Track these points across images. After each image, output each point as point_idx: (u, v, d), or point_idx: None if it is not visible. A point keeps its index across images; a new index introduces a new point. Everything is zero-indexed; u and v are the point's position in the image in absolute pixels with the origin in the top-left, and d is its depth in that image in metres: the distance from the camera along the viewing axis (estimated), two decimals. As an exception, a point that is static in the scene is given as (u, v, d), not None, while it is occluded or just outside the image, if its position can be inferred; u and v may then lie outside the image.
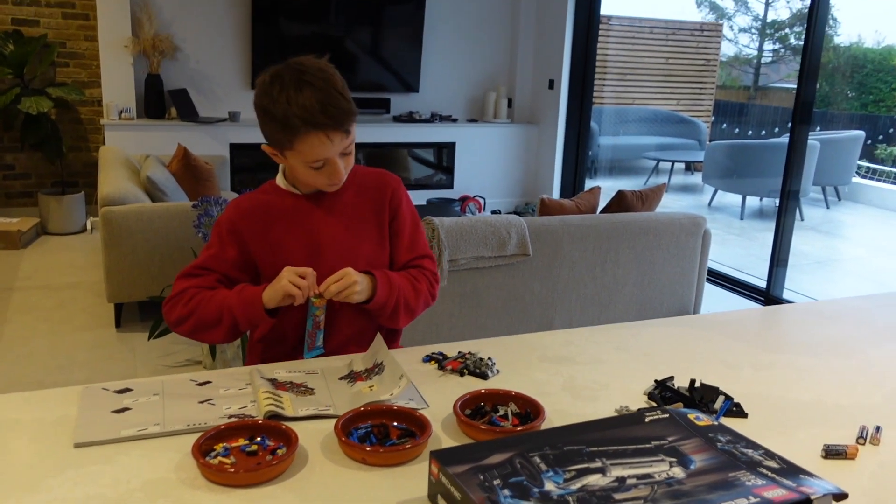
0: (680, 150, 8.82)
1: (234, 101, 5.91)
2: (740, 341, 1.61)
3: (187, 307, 1.44)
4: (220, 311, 1.42)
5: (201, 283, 1.47)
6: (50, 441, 1.09)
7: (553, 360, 1.47)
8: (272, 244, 1.49)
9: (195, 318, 1.43)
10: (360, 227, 1.54)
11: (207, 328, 1.44)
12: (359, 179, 1.56)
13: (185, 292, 1.46)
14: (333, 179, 1.44)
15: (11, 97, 5.15)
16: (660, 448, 1.02)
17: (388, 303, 1.49)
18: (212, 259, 1.49)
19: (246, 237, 1.49)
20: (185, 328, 1.46)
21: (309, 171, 1.43)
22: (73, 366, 3.31)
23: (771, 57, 9.67)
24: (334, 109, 1.35)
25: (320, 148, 1.37)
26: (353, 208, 1.54)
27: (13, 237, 5.05)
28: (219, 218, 1.52)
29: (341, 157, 1.42)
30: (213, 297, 1.44)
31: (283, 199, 1.51)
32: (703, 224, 3.75)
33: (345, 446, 1.07)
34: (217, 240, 1.50)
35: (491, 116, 6.65)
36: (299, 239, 1.49)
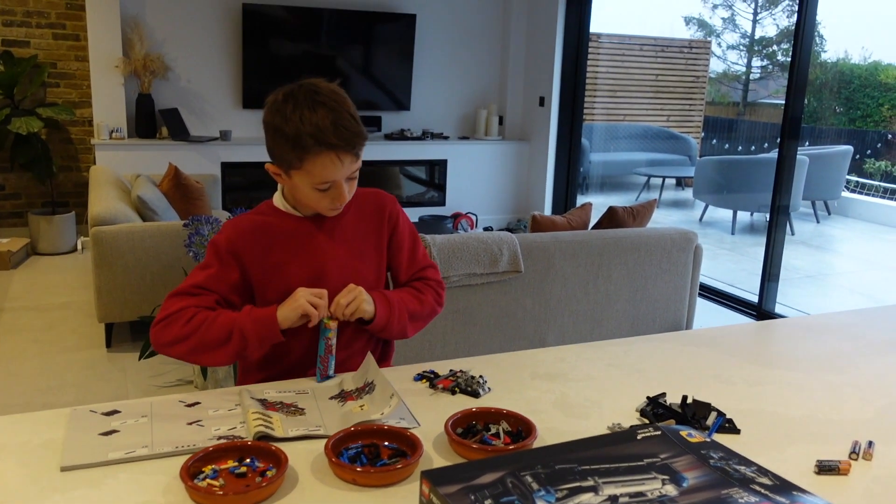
0: (670, 166, 8.87)
1: (226, 121, 5.92)
2: (733, 356, 1.61)
3: (187, 326, 1.37)
4: (230, 331, 1.36)
5: (200, 303, 1.41)
6: (36, 464, 1.08)
7: (545, 378, 1.46)
8: (272, 267, 1.47)
9: (196, 338, 1.36)
10: (360, 249, 1.54)
11: (210, 349, 1.37)
12: (356, 201, 1.55)
13: (182, 311, 1.39)
14: (336, 203, 1.43)
15: (2, 117, 5.14)
16: (652, 466, 1.01)
17: (391, 321, 1.49)
18: (212, 280, 1.43)
19: (245, 259, 1.46)
20: (182, 349, 1.38)
21: (313, 193, 1.41)
22: (63, 387, 3.28)
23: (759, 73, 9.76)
24: (347, 132, 1.36)
25: (330, 169, 1.37)
26: (353, 230, 1.54)
27: (3, 258, 5.02)
28: (215, 238, 1.47)
29: (347, 181, 1.42)
30: (217, 317, 1.38)
31: (283, 220, 1.49)
32: (695, 239, 3.76)
33: (335, 467, 1.06)
34: (216, 260, 1.44)
35: (482, 133, 6.67)
36: (302, 262, 1.47)
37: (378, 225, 1.57)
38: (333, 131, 1.34)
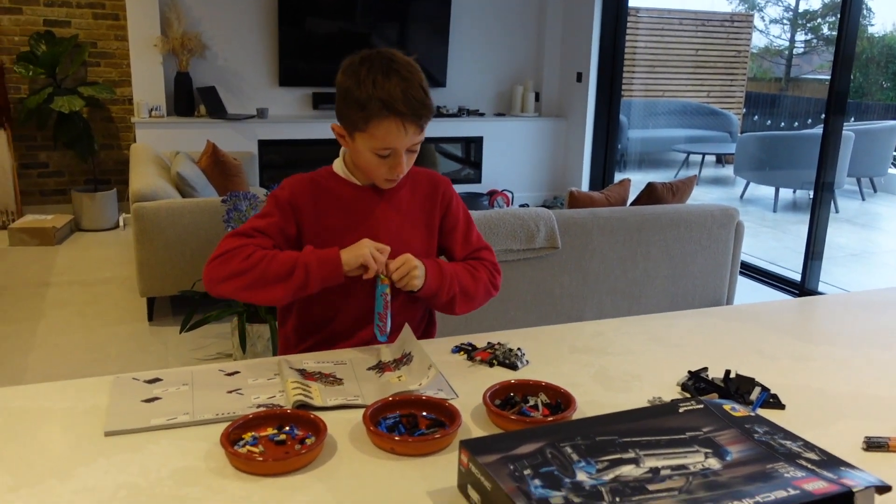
0: (711, 143, 8.70)
1: (263, 98, 5.94)
2: (776, 332, 1.58)
3: (247, 262, 1.38)
4: (293, 265, 1.38)
5: (260, 244, 1.42)
6: (81, 429, 1.10)
7: (584, 351, 1.45)
8: (326, 230, 1.49)
9: (255, 273, 1.37)
10: (412, 224, 1.55)
11: (268, 284, 1.38)
12: (412, 179, 1.57)
13: (241, 248, 1.40)
14: (394, 173, 1.44)
15: (44, 97, 5.22)
16: (695, 439, 1.00)
17: (441, 291, 1.48)
18: (272, 227, 1.46)
19: (303, 216, 1.48)
20: (238, 283, 1.38)
21: (373, 158, 1.43)
22: (106, 359, 3.35)
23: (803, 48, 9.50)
24: (416, 102, 1.37)
25: (394, 135, 1.39)
26: (407, 205, 1.55)
27: (48, 234, 5.13)
28: (275, 192, 1.49)
29: (407, 153, 1.44)
30: (278, 254, 1.40)
31: (341, 186, 1.51)
32: (736, 216, 3.68)
33: (373, 436, 1.06)
34: (276, 210, 1.47)
35: (518, 110, 6.61)
36: (355, 229, 1.48)
37: (431, 205, 1.58)
38: (403, 99, 1.36)
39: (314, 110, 6.07)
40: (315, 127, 5.85)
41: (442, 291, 1.49)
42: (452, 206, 1.61)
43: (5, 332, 3.64)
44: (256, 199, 3.26)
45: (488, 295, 1.59)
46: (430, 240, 1.57)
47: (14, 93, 5.48)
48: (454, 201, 1.61)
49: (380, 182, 1.49)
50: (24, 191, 5.68)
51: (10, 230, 5.09)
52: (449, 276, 1.50)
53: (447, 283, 1.49)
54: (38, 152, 5.69)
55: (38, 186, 5.76)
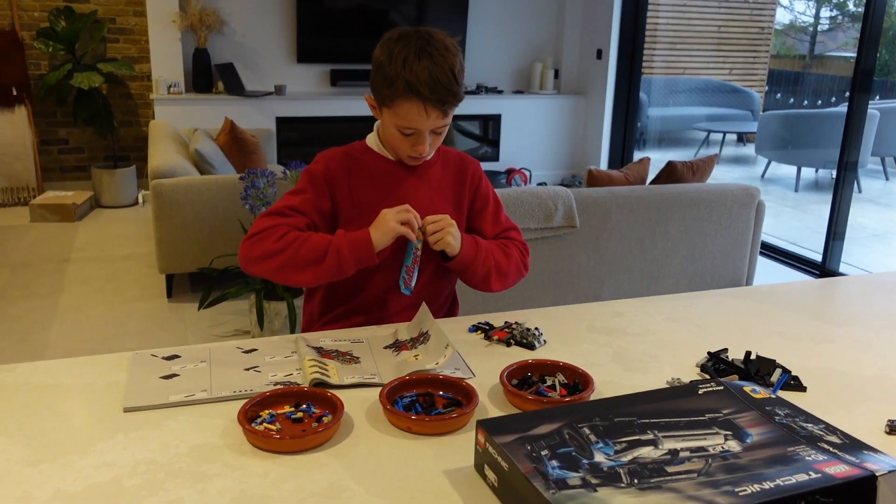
0: (732, 121, 8.59)
1: (280, 75, 5.93)
2: (797, 313, 1.56)
3: (280, 242, 1.38)
4: (325, 250, 1.38)
5: (294, 223, 1.42)
6: (100, 405, 1.10)
7: (602, 331, 1.44)
8: (359, 204, 1.49)
9: (288, 254, 1.37)
10: (442, 200, 1.55)
11: (301, 266, 1.38)
12: (443, 156, 1.58)
13: (275, 228, 1.40)
14: (416, 151, 1.44)
15: (64, 73, 5.24)
16: (714, 421, 0.99)
17: (476, 263, 1.48)
18: (307, 203, 1.45)
19: (337, 190, 1.48)
20: (271, 264, 1.38)
21: (397, 134, 1.44)
22: (125, 335, 3.38)
23: (827, 24, 9.32)
24: (442, 88, 1.37)
25: (415, 117, 1.39)
26: (438, 183, 1.56)
27: (68, 210, 5.17)
28: (310, 167, 1.50)
29: (431, 134, 1.44)
30: (311, 237, 1.40)
31: (374, 160, 1.52)
32: (757, 195, 3.64)
33: (390, 415, 1.06)
34: (310, 186, 1.47)
35: (537, 88, 6.55)
36: (388, 204, 1.47)
37: (461, 184, 1.58)
38: (428, 83, 1.35)
39: (332, 87, 6.05)
40: (333, 104, 5.83)
41: (477, 264, 1.48)
42: (482, 187, 1.61)
43: (27, 307, 3.68)
44: (274, 176, 3.26)
45: (519, 274, 1.59)
46: (459, 217, 1.56)
47: (34, 69, 5.50)
48: (483, 182, 1.62)
49: (404, 158, 1.49)
50: (44, 167, 5.72)
51: (31, 206, 5.13)
52: (484, 250, 1.50)
53: (482, 256, 1.49)
54: (59, 129, 5.72)
55: (58, 163, 5.79)
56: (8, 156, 5.46)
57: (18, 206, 5.50)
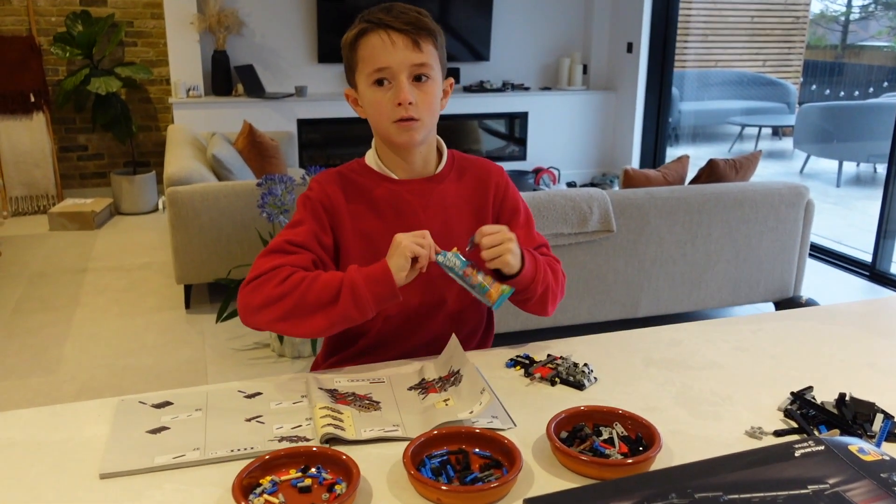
0: (767, 114, 8.30)
1: (301, 76, 5.77)
2: (889, 338, 1.35)
3: (284, 285, 1.17)
4: (337, 289, 1.16)
5: (298, 262, 1.22)
6: (74, 469, 0.93)
7: (660, 365, 1.24)
8: (361, 234, 1.29)
9: (293, 299, 1.16)
10: (456, 222, 1.34)
11: (311, 312, 1.16)
12: (458, 166, 1.37)
13: (277, 270, 1.20)
14: (398, 98, 1.21)
15: (81, 78, 5.13)
16: (820, 496, 0.79)
17: (536, 282, 1.26)
18: (308, 236, 1.25)
19: (337, 219, 1.28)
20: (275, 312, 1.18)
21: (373, 94, 1.23)
22: (141, 350, 3.24)
23: (860, 13, 9.00)
24: (399, 12, 1.21)
25: (380, 49, 1.21)
26: (453, 199, 1.34)
27: (87, 218, 5.06)
28: (306, 193, 1.30)
29: (413, 82, 1.22)
30: (319, 275, 1.19)
31: (375, 183, 1.31)
32: (806, 194, 3.41)
33: (416, 482, 0.88)
34: (309, 215, 1.27)
35: (565, 84, 6.34)
36: (395, 229, 1.26)
37: (482, 197, 1.36)
38: (384, 10, 1.21)
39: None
40: (355, 105, 5.67)
41: (537, 282, 1.26)
42: (510, 196, 1.39)
43: (42, 320, 3.56)
44: (293, 181, 3.10)
45: (560, 296, 1.36)
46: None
47: (52, 75, 5.40)
48: (511, 190, 1.40)
49: (392, 132, 1.25)
50: (63, 174, 5.63)
51: (50, 215, 5.03)
52: (542, 265, 1.28)
53: (541, 272, 1.27)
54: (77, 135, 5.62)
55: (77, 170, 5.70)
56: (27, 163, 5.37)
57: (38, 215, 5.40)
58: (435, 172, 1.34)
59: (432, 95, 1.25)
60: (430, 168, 1.34)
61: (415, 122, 1.24)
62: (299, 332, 1.20)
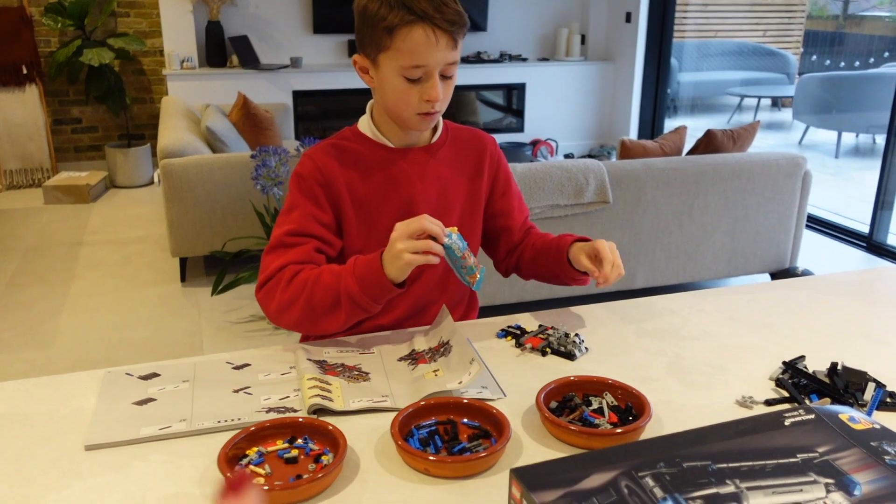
0: (766, 85, 8.23)
1: (296, 47, 5.71)
2: (881, 307, 1.34)
3: (290, 290, 1.17)
4: (336, 296, 1.14)
5: (301, 256, 1.21)
6: (59, 441, 0.93)
7: (653, 335, 1.23)
8: (361, 202, 1.26)
9: (302, 303, 1.16)
10: (452, 190, 1.33)
11: (322, 315, 1.16)
12: (451, 137, 1.34)
13: (282, 271, 1.19)
14: (428, 98, 1.18)
15: (73, 49, 5.07)
16: (809, 464, 0.78)
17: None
18: (307, 220, 1.23)
19: (336, 193, 1.25)
20: (292, 317, 1.18)
21: (401, 84, 1.18)
22: (137, 323, 3.24)
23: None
24: (446, 7, 1.14)
25: (423, 46, 1.14)
26: (447, 169, 1.32)
27: (82, 191, 5.03)
28: (297, 170, 1.26)
29: (442, 79, 1.19)
30: (321, 275, 1.17)
31: (370, 149, 1.28)
32: (804, 165, 3.39)
33: (404, 453, 0.87)
34: (302, 196, 1.24)
35: (563, 54, 6.28)
36: (390, 199, 1.26)
37: (476, 168, 1.35)
38: (433, 4, 1.13)
39: (350, 58, 5.82)
40: (352, 76, 5.60)
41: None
42: (503, 168, 1.40)
43: (37, 293, 3.55)
44: (286, 153, 3.07)
45: None
46: (475, 206, 1.35)
47: (44, 46, 5.34)
48: (503, 162, 1.40)
49: (413, 121, 1.23)
50: (58, 147, 5.59)
51: (45, 188, 5.00)
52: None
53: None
54: (71, 107, 5.57)
55: (72, 143, 5.65)
56: (20, 136, 5.33)
57: (32, 188, 5.37)
58: (431, 142, 1.32)
59: (452, 87, 1.24)
60: (426, 137, 1.32)
61: (436, 114, 1.23)
62: (320, 331, 1.20)
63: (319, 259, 1.23)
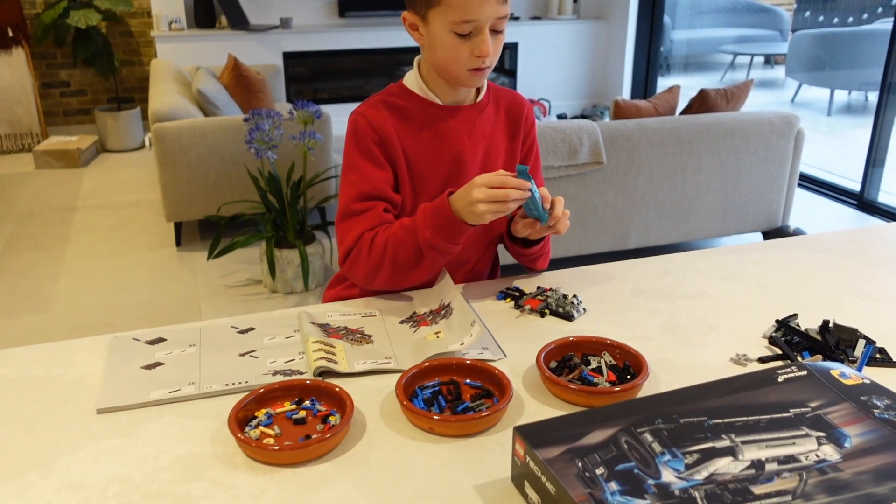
0: (759, 42, 8.18)
1: (286, 7, 5.64)
2: (872, 265, 1.36)
3: (372, 257, 1.21)
4: (417, 248, 1.19)
5: (371, 222, 1.24)
6: (70, 405, 0.95)
7: (649, 295, 1.25)
8: (411, 158, 1.28)
9: (388, 265, 1.21)
10: (495, 147, 1.35)
11: (410, 269, 1.21)
12: (495, 95, 1.36)
13: (360, 240, 1.23)
14: (478, 53, 1.18)
15: (59, 11, 5.00)
16: (801, 418, 0.81)
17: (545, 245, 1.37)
18: (370, 181, 1.25)
19: (392, 148, 1.27)
20: (382, 279, 1.23)
21: (451, 40, 1.18)
22: (134, 287, 3.25)
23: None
24: None
25: (475, 3, 1.14)
26: (491, 126, 1.34)
27: (73, 155, 5.00)
28: (351, 131, 1.27)
29: (492, 33, 1.19)
30: (397, 232, 1.21)
31: (418, 105, 1.29)
32: (797, 123, 3.39)
33: (408, 413, 0.90)
34: (366, 156, 1.26)
35: (555, 13, 6.22)
36: (440, 155, 1.28)
37: (514, 125, 1.37)
38: None
39: (341, 18, 5.75)
40: (342, 36, 5.55)
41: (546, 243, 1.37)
42: (533, 134, 1.41)
43: (33, 259, 3.55)
44: (280, 116, 3.06)
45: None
46: (510, 169, 1.36)
47: (29, 8, 5.26)
48: (534, 129, 1.42)
49: (463, 78, 1.23)
50: (47, 111, 5.53)
51: (35, 153, 4.97)
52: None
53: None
54: (59, 70, 5.51)
55: (61, 106, 5.60)
56: (8, 100, 5.27)
57: (22, 153, 5.34)
58: (477, 101, 1.33)
59: (502, 43, 1.24)
60: (473, 95, 1.33)
61: (486, 69, 1.23)
62: (413, 283, 1.25)
63: (389, 219, 1.26)
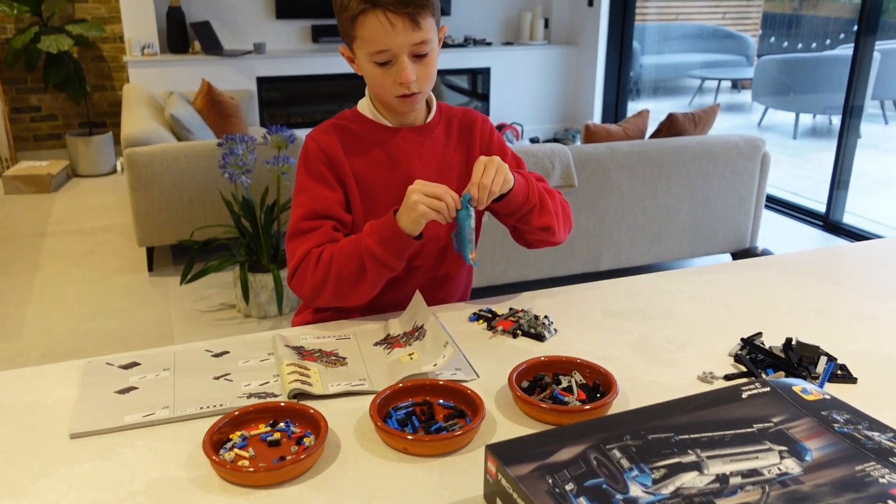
0: (726, 67, 8.36)
1: (259, 32, 5.67)
2: (833, 285, 1.40)
3: (319, 269, 1.23)
4: (360, 260, 1.21)
5: (320, 240, 1.26)
6: (43, 430, 0.94)
7: (618, 315, 1.28)
8: (362, 180, 1.31)
9: (332, 279, 1.22)
10: (448, 166, 1.37)
11: (353, 284, 1.22)
12: (446, 116, 1.39)
13: (307, 256, 1.25)
14: (400, 82, 1.21)
15: (30, 36, 4.98)
16: (765, 433, 0.84)
17: (531, 189, 1.29)
18: (319, 201, 1.28)
19: (341, 170, 1.29)
20: (327, 294, 1.24)
21: (374, 70, 1.22)
22: (105, 312, 3.22)
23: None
24: None
25: (380, 32, 1.17)
26: (443, 146, 1.37)
27: (43, 181, 4.96)
28: (304, 153, 1.31)
29: (413, 59, 1.21)
30: (343, 246, 1.23)
31: (369, 129, 1.32)
32: (762, 146, 3.47)
33: (383, 433, 0.91)
34: (315, 178, 1.29)
35: (527, 38, 6.31)
36: (392, 175, 1.31)
37: (468, 145, 1.39)
38: None
39: (314, 43, 5.80)
40: (316, 61, 5.58)
41: (532, 191, 1.29)
42: (495, 142, 1.42)
43: (2, 285, 3.51)
44: (253, 141, 3.07)
45: (567, 219, 1.39)
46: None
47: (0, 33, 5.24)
48: (495, 137, 1.42)
49: (394, 105, 1.27)
50: (17, 136, 5.49)
51: (5, 178, 4.92)
52: (528, 176, 1.32)
53: (531, 181, 1.30)
54: (29, 95, 5.48)
55: (31, 131, 5.56)
56: (-23, 125, 5.22)
57: (-9, 178, 5.28)
58: (426, 122, 1.35)
59: (432, 66, 1.26)
60: (421, 117, 1.36)
61: (417, 95, 1.26)
62: (356, 301, 1.26)
63: (338, 237, 1.28)
